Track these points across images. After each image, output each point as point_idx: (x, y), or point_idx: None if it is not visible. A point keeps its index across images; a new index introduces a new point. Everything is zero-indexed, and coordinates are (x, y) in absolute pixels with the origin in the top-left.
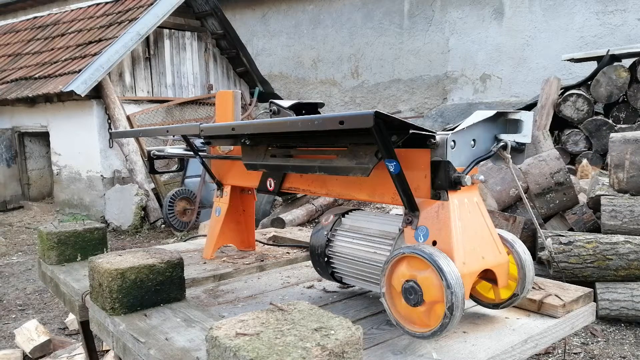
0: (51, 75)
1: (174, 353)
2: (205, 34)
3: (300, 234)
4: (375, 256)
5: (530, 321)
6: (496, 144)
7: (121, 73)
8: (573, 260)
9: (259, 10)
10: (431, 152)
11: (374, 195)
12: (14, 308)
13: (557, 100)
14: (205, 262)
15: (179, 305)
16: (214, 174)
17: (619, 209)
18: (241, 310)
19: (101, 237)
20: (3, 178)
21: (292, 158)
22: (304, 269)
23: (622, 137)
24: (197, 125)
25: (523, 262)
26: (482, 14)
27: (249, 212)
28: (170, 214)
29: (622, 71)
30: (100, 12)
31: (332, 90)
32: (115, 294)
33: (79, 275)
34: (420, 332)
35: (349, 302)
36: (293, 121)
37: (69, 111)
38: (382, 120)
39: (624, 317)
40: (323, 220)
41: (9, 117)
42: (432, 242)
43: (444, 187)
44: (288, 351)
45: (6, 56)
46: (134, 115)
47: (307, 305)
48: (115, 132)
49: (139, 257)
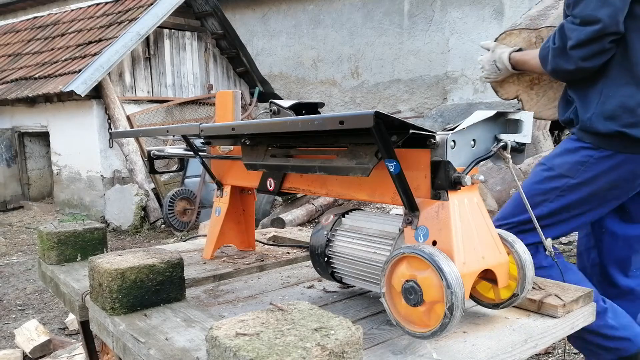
0: (51, 75)
1: (174, 353)
2: (205, 34)
3: (300, 234)
4: (375, 256)
5: (530, 321)
6: (496, 144)
7: (121, 73)
8: (573, 260)
9: (259, 10)
10: (431, 152)
11: (374, 195)
12: (14, 308)
13: None
14: (205, 262)
15: (179, 305)
16: (214, 174)
17: None
18: (241, 310)
19: (101, 237)
20: (3, 178)
21: (292, 158)
22: (304, 269)
23: None
24: (197, 125)
25: (523, 262)
26: (482, 14)
27: (249, 212)
28: (170, 214)
29: None
30: (100, 12)
31: (332, 90)
32: (115, 294)
33: (79, 275)
34: (420, 332)
35: (349, 302)
36: (293, 121)
37: (69, 111)
38: (382, 120)
39: None
40: (323, 220)
41: (9, 117)
42: (432, 242)
43: (444, 187)
44: (288, 351)
45: (6, 56)
46: (134, 115)
47: (307, 305)
48: (115, 132)
49: (139, 257)
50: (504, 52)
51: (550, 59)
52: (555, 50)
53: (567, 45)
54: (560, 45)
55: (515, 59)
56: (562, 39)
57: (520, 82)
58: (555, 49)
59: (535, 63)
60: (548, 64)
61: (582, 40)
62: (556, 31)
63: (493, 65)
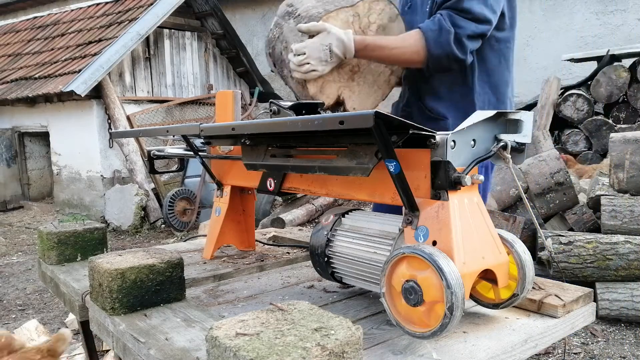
0: (51, 75)
1: (173, 353)
2: (205, 34)
3: (300, 234)
4: (375, 256)
5: (530, 321)
6: (496, 144)
7: (121, 73)
8: (573, 260)
9: (259, 10)
10: (431, 152)
11: (374, 195)
12: (14, 308)
13: (557, 100)
14: (205, 262)
15: (179, 305)
16: (213, 174)
17: (619, 209)
18: (241, 310)
19: (101, 237)
20: (3, 178)
21: (292, 158)
22: (304, 269)
23: (622, 137)
24: (197, 125)
25: (523, 262)
26: None
27: (249, 212)
28: (170, 214)
29: (622, 71)
30: (100, 12)
31: None
32: (115, 294)
33: (79, 275)
34: (420, 332)
35: (349, 302)
36: (293, 121)
37: (69, 111)
38: (382, 120)
39: (624, 317)
40: (323, 220)
41: (9, 117)
42: (432, 242)
43: (444, 187)
44: (288, 351)
45: (6, 56)
46: (134, 115)
47: (307, 305)
48: (115, 132)
49: (139, 257)
50: (344, 33)
51: (444, 42)
52: (451, 35)
53: (461, 34)
54: (456, 32)
55: (365, 43)
56: (454, 27)
57: (341, 75)
58: (453, 34)
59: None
60: (439, 48)
61: (475, 33)
62: (445, 17)
63: (326, 51)
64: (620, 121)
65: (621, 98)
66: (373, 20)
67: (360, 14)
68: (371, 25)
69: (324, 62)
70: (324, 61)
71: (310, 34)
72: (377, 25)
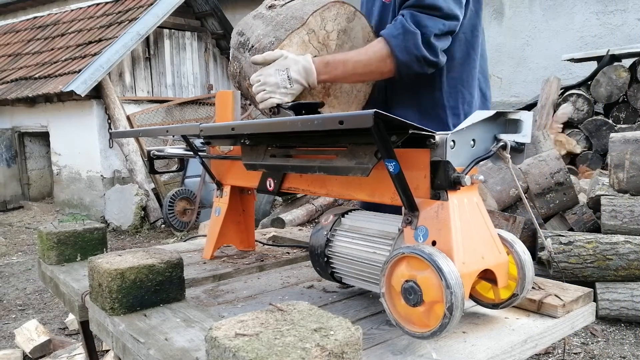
0: (51, 75)
1: (173, 353)
2: (205, 34)
3: (300, 234)
4: (375, 256)
5: (530, 321)
6: (496, 144)
7: (121, 73)
8: (573, 260)
9: None
10: (431, 152)
11: (374, 196)
12: (14, 308)
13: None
14: (205, 262)
15: (178, 306)
16: (213, 174)
17: (619, 209)
18: (241, 311)
19: (101, 237)
20: (3, 178)
21: (292, 158)
22: (304, 269)
23: (622, 137)
24: (197, 125)
25: (523, 262)
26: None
27: (248, 212)
28: (170, 214)
29: (622, 71)
30: (100, 12)
31: None
32: (115, 294)
33: (78, 275)
34: (419, 332)
35: (349, 302)
36: (293, 121)
37: (69, 111)
38: (381, 120)
39: (624, 317)
40: (323, 220)
41: (9, 117)
42: (432, 242)
43: (443, 187)
44: (287, 352)
45: (6, 56)
46: (134, 115)
47: (307, 306)
48: (115, 132)
49: (138, 257)
50: (301, 57)
51: (411, 46)
52: (418, 37)
53: (428, 34)
54: (422, 32)
55: (325, 61)
56: (419, 28)
57: (315, 96)
58: (419, 36)
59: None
60: (407, 53)
61: (443, 31)
62: (408, 18)
63: (283, 77)
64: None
65: (621, 98)
66: (330, 29)
67: (314, 29)
68: (330, 35)
69: (282, 89)
70: (282, 87)
71: (267, 63)
72: (336, 32)
